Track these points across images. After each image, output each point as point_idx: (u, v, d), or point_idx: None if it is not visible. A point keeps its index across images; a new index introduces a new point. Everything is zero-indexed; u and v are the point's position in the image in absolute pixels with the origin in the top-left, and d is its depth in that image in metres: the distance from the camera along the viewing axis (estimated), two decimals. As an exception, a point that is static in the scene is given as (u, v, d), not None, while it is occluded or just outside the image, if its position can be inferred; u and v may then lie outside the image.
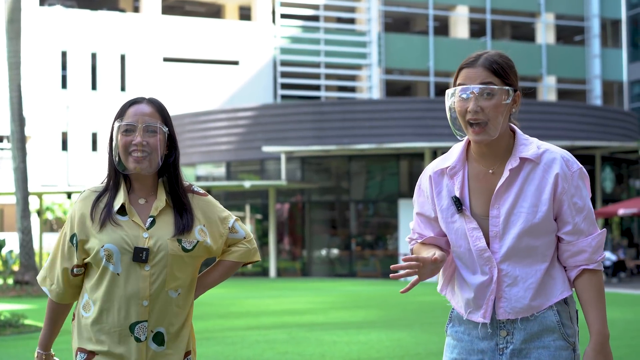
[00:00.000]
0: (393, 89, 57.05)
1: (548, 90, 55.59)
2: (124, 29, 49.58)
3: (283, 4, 51.94)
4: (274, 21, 52.24)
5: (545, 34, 55.72)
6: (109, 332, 3.79)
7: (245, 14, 55.08)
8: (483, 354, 3.62)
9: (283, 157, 35.24)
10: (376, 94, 51.99)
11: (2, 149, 47.11)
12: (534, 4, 55.52)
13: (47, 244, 45.41)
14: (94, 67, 49.45)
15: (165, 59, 50.38)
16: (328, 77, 53.05)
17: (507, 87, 3.53)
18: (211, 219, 4.00)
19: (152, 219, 3.85)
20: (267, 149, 34.14)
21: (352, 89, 54.57)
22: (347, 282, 32.43)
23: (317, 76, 52.29)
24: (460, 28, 54.76)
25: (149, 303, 3.80)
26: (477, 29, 57.18)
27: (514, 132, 3.66)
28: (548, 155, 3.55)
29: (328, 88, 53.94)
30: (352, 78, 54.02)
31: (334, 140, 34.80)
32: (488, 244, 3.58)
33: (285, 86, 51.99)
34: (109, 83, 49.39)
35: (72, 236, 3.86)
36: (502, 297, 3.58)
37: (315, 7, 52.63)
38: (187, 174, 38.94)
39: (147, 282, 3.79)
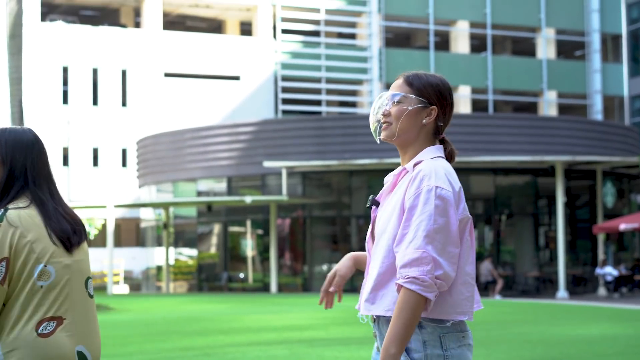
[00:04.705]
0: (394, 104, 57.06)
1: (549, 105, 55.62)
2: (125, 44, 49.66)
3: (284, 20, 52.05)
4: (274, 36, 52.33)
5: (545, 48, 55.79)
6: None
7: (246, 29, 55.18)
8: (377, 353, 3.89)
9: (284, 172, 35.23)
10: (377, 109, 51.96)
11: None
12: (534, 19, 55.61)
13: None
14: (95, 83, 49.51)
15: (167, 74, 50.45)
16: (329, 92, 53.11)
17: (412, 95, 3.84)
18: None
19: None
20: (268, 164, 34.13)
21: (353, 104, 54.62)
22: (349, 297, 32.25)
23: (318, 91, 52.36)
24: (460, 43, 54.82)
25: None
26: (477, 44, 57.25)
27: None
28: (417, 169, 3.73)
29: (329, 103, 54.00)
30: (353, 93, 54.07)
31: (335, 156, 34.80)
32: None
33: (286, 101, 52.05)
34: (110, 98, 49.43)
35: None
36: None
37: (316, 22, 52.73)
38: (188, 190, 38.95)
39: None
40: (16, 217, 3.89)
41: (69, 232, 3.99)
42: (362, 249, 36.82)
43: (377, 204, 3.87)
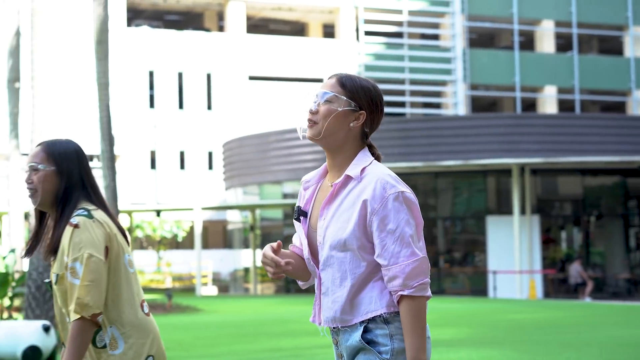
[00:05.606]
0: (479, 105, 56.70)
1: (637, 104, 54.70)
2: (210, 48, 50.08)
3: (367, 21, 52.01)
4: (357, 38, 52.32)
5: (633, 47, 54.89)
6: None
7: (329, 31, 55.26)
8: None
9: (369, 174, 35.15)
10: (462, 110, 51.72)
11: (92, 168, 47.82)
12: (621, 17, 54.76)
13: (137, 261, 45.94)
14: (180, 87, 50.01)
15: (251, 78, 50.75)
16: (413, 93, 52.94)
17: (343, 97, 3.79)
18: (68, 250, 4.26)
19: None
20: (353, 166, 34.06)
21: (437, 105, 54.35)
22: (436, 299, 32.14)
23: (401, 93, 52.21)
24: (546, 42, 54.21)
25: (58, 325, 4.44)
26: (563, 43, 56.57)
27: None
28: (368, 178, 3.72)
29: (413, 105, 53.83)
30: (437, 94, 53.81)
31: (420, 157, 34.62)
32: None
33: (370, 103, 51.93)
34: (196, 102, 49.89)
35: None
36: (320, 304, 3.81)
37: (399, 23, 52.60)
38: (274, 192, 39.12)
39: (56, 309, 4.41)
40: (100, 216, 4.38)
41: (124, 230, 4.49)
42: (449, 250, 36.66)
43: (305, 214, 3.88)
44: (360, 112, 3.83)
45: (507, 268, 33.28)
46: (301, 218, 3.89)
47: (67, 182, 4.39)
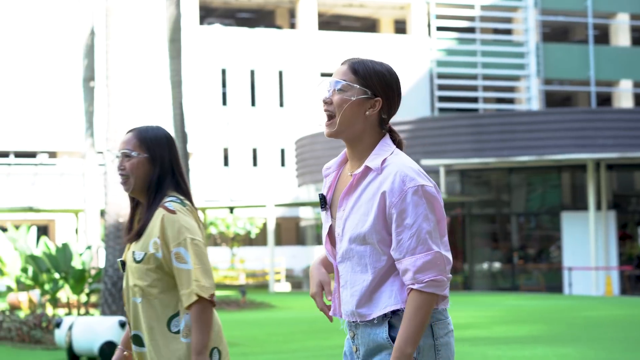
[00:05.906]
0: (553, 100, 56.12)
1: None
2: (281, 45, 50.23)
3: (438, 17, 51.78)
4: (429, 34, 52.11)
5: None
6: None
7: (400, 27, 55.10)
8: (352, 355, 3.76)
9: (442, 171, 35.04)
10: (535, 105, 51.24)
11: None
12: (699, 8, 53.87)
13: (211, 259, 46.19)
14: (252, 84, 50.23)
15: (322, 74, 50.79)
16: (485, 88, 52.57)
17: (356, 85, 3.64)
18: (165, 235, 4.33)
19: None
20: (425, 162, 33.97)
21: (510, 101, 53.93)
22: (510, 296, 31.95)
23: (474, 88, 51.90)
24: (621, 36, 53.50)
25: (126, 307, 4.49)
26: (639, 37, 55.77)
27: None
28: (388, 169, 3.60)
29: (486, 100, 53.44)
30: (511, 89, 53.38)
31: (493, 153, 34.40)
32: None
33: (442, 99, 51.77)
34: (268, 99, 50.08)
35: None
36: (339, 297, 3.75)
37: (471, 18, 52.28)
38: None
39: (126, 288, 4.47)
40: (190, 205, 4.47)
41: (201, 224, 4.51)
42: (523, 246, 36.36)
43: (324, 202, 3.80)
44: (376, 99, 3.68)
45: (582, 264, 32.94)
46: (327, 206, 3.80)
47: (159, 169, 4.46)
